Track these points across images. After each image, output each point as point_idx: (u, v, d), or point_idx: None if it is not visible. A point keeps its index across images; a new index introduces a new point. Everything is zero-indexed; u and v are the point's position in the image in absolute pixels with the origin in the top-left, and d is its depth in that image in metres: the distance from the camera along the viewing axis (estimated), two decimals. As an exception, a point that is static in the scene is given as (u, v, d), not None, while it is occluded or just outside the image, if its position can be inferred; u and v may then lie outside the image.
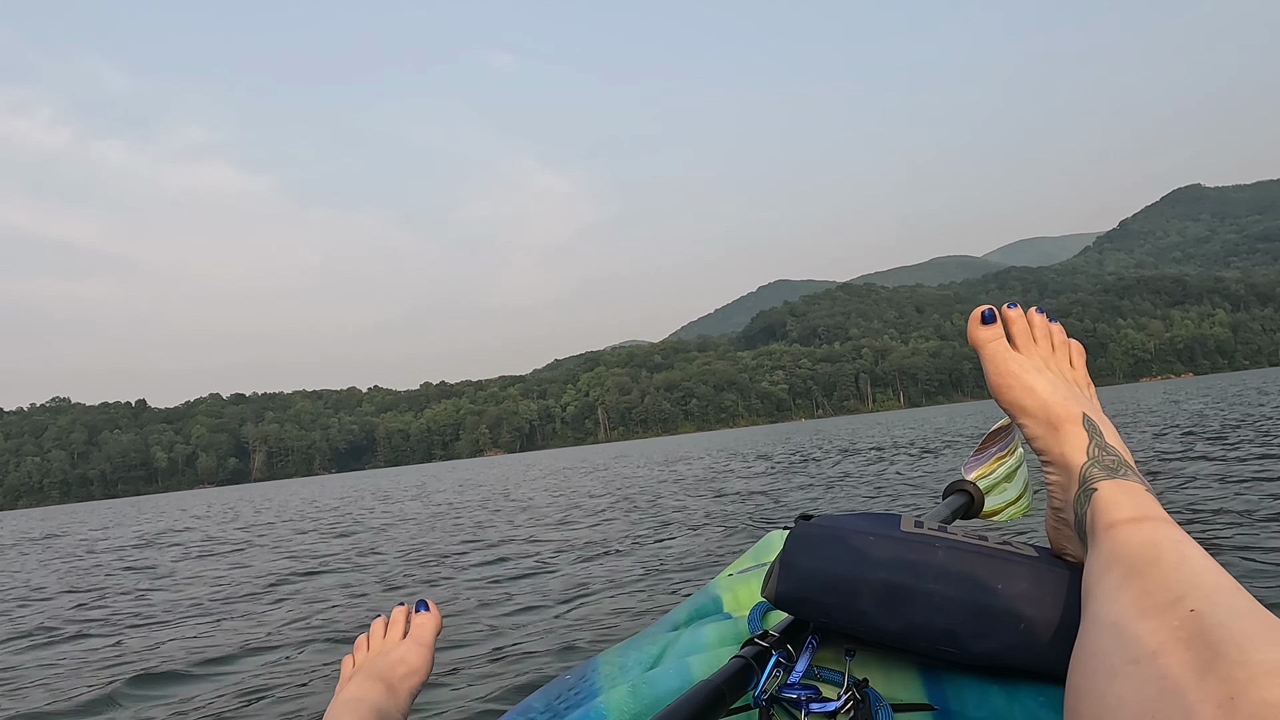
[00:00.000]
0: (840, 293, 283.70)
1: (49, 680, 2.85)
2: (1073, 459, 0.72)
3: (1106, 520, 0.64)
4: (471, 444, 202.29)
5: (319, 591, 4.59)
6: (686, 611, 1.05)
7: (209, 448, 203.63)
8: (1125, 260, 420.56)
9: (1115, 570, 0.58)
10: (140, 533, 12.83)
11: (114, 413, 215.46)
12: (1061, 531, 0.75)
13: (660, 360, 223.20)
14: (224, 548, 8.23)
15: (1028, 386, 0.76)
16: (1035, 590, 0.68)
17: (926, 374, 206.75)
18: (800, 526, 0.78)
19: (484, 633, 2.87)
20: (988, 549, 0.71)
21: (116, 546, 10.12)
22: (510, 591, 3.87)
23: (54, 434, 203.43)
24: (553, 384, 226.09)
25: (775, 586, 0.75)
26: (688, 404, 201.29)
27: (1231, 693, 0.42)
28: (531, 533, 6.52)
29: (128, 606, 4.74)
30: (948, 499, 1.11)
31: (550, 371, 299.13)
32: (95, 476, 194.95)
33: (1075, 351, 0.83)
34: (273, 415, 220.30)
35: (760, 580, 1.04)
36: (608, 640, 2.58)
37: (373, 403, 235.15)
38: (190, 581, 5.67)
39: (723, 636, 0.88)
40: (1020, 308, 0.82)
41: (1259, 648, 0.44)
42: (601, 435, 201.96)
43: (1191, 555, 0.56)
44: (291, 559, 6.40)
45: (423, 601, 1.14)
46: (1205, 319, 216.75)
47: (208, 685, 2.51)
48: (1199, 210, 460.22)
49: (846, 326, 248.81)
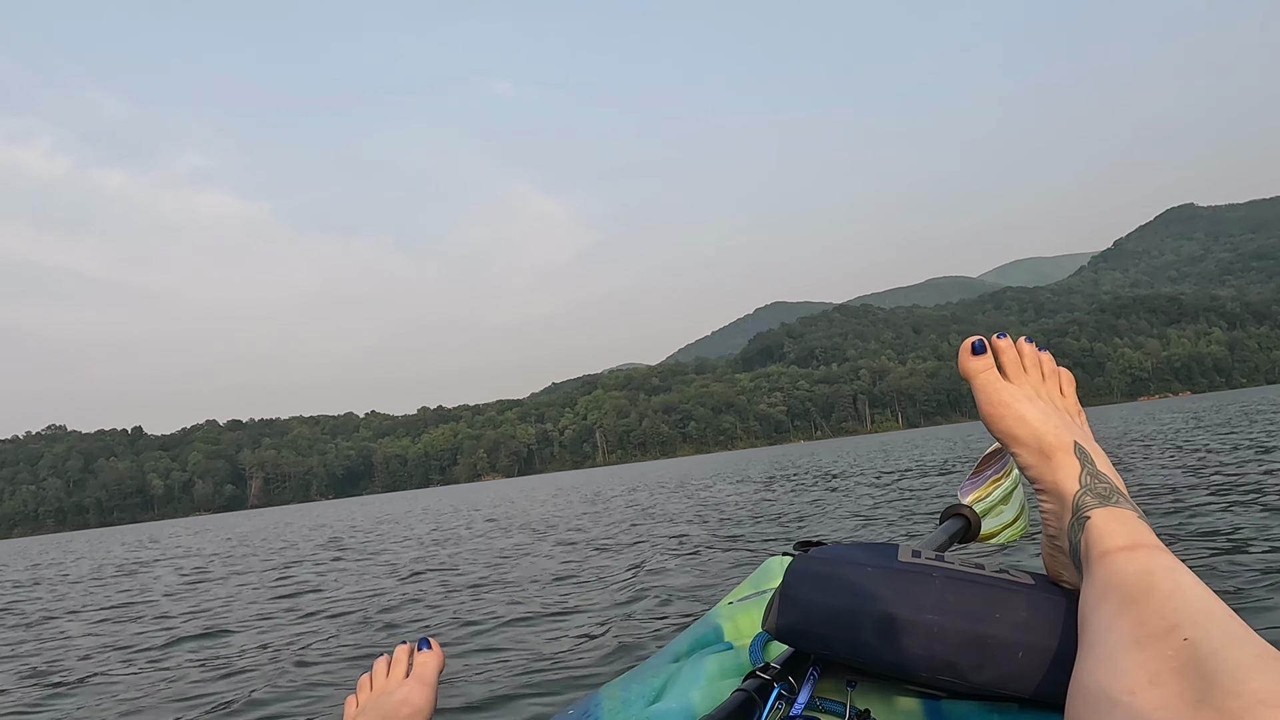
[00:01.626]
0: (837, 314, 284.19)
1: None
2: (1065, 487, 0.73)
3: (1100, 548, 0.64)
4: (469, 468, 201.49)
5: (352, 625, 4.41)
6: (687, 642, 1.05)
7: (206, 474, 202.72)
8: (1120, 279, 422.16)
9: (1110, 599, 0.58)
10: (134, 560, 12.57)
11: (110, 440, 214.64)
12: (1057, 559, 0.75)
13: (658, 383, 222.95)
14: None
15: (1019, 416, 0.77)
16: (1033, 619, 0.68)
17: (925, 395, 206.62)
18: (799, 560, 0.78)
19: (489, 668, 2.82)
20: (985, 577, 0.72)
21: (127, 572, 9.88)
22: (517, 624, 3.71)
23: (49, 462, 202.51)
24: (550, 407, 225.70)
25: (775, 620, 0.76)
26: (686, 426, 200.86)
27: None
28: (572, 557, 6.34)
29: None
30: (944, 524, 1.11)
31: (548, 395, 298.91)
32: (91, 504, 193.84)
33: (1065, 380, 0.83)
34: (270, 441, 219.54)
35: (760, 608, 1.05)
36: (611, 670, 2.56)
37: (370, 428, 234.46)
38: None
39: (724, 668, 0.88)
40: (1010, 337, 0.82)
41: (1253, 677, 0.44)
42: (600, 459, 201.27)
43: (1185, 583, 0.56)
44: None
45: (425, 640, 1.14)
46: (1202, 337, 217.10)
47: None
48: (1192, 229, 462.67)
49: (844, 348, 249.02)
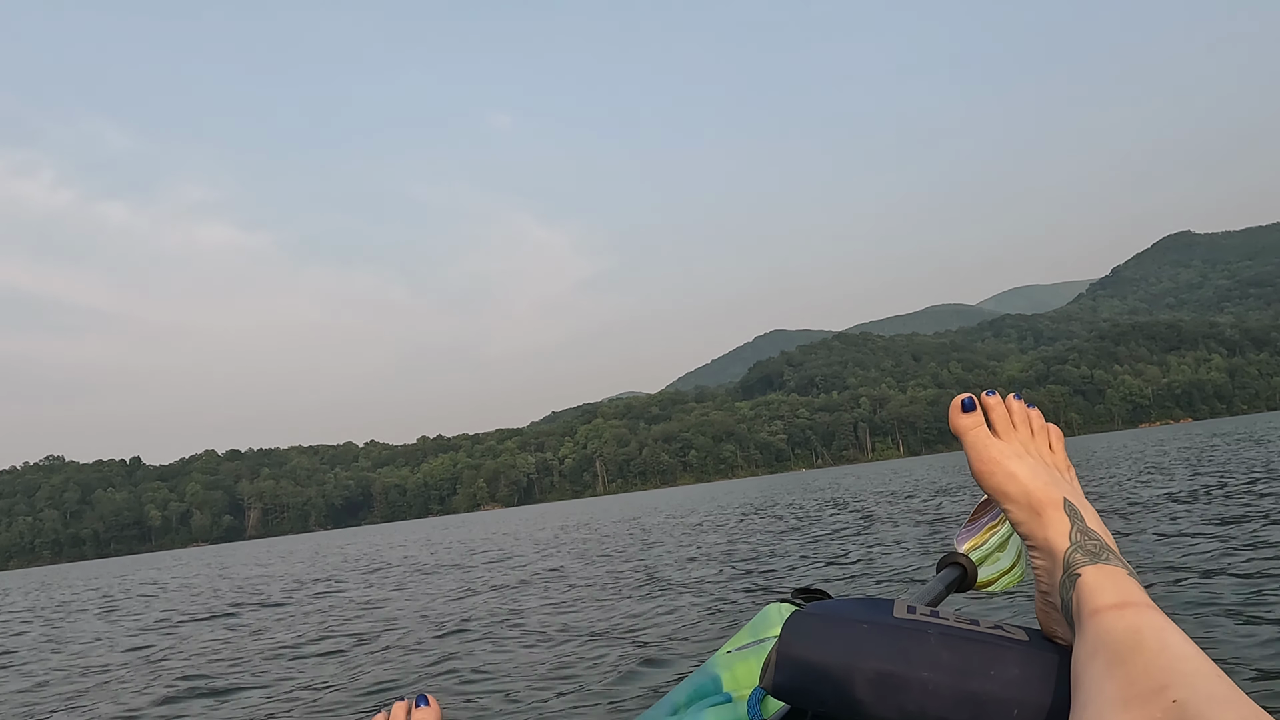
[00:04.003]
0: (836, 342, 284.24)
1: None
2: (1056, 544, 0.73)
3: (1090, 606, 0.65)
4: (469, 498, 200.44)
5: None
6: (686, 693, 1.04)
7: (204, 505, 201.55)
8: (1119, 307, 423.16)
9: (1100, 657, 0.59)
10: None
11: (108, 471, 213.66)
12: (1050, 615, 0.75)
13: (658, 411, 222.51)
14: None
15: (1009, 473, 0.78)
16: (1026, 675, 0.68)
17: (925, 422, 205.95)
18: (795, 617, 0.78)
19: (488, 716, 2.81)
20: (978, 634, 0.72)
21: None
22: (525, 666, 3.69)
23: (47, 493, 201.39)
24: (550, 436, 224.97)
25: (772, 677, 0.76)
26: (686, 455, 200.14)
27: None
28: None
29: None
30: (941, 573, 1.13)
31: (548, 424, 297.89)
32: (88, 536, 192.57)
33: (1054, 436, 0.84)
34: (268, 471, 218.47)
35: (758, 657, 1.06)
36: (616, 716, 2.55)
37: (369, 457, 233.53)
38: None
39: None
40: (999, 394, 0.83)
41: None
42: (600, 488, 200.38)
43: (1173, 642, 0.57)
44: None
45: (423, 696, 1.13)
46: (1202, 364, 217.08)
47: None
48: (1190, 256, 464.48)
49: (844, 376, 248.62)
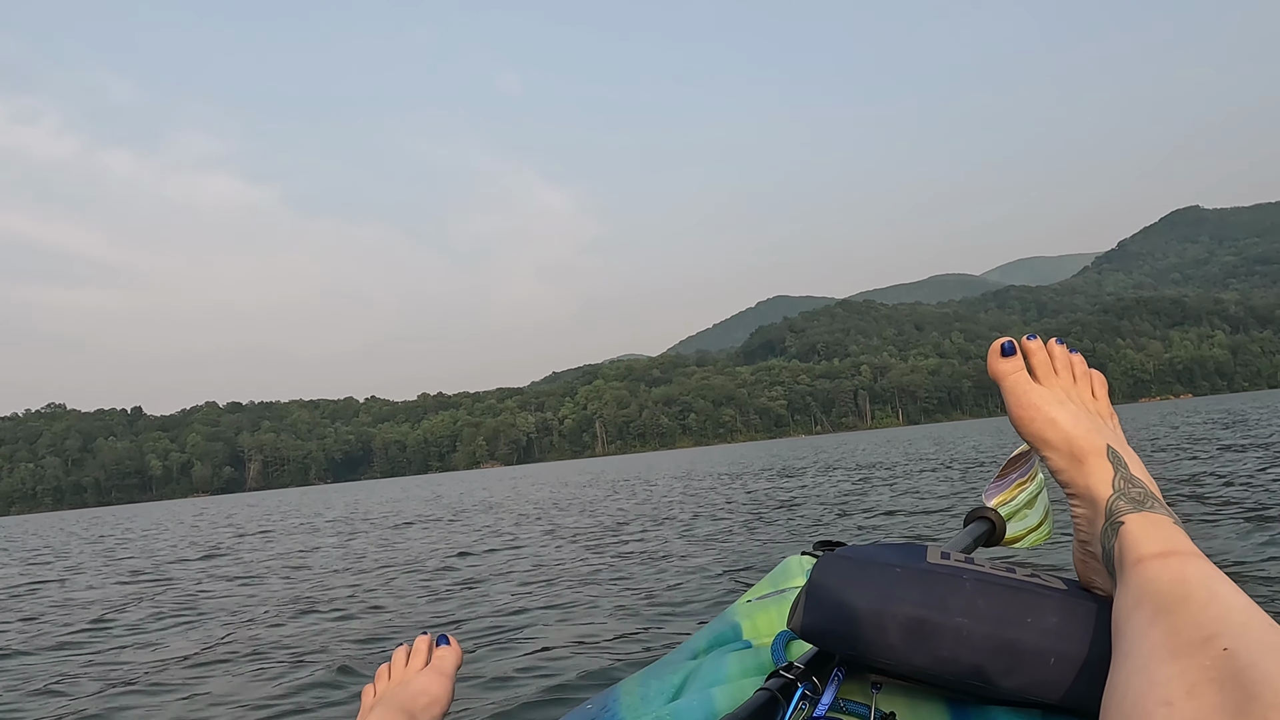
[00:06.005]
0: (839, 309, 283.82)
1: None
2: (1098, 492, 0.71)
3: (1134, 555, 0.63)
4: (468, 456, 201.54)
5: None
6: (706, 639, 1.04)
7: (204, 456, 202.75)
8: (1124, 281, 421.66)
9: (1144, 607, 0.57)
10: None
11: (109, 420, 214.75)
12: (1089, 565, 0.74)
13: (659, 374, 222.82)
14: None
15: (1050, 419, 0.75)
16: (1065, 625, 0.67)
17: (925, 392, 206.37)
18: (826, 559, 0.77)
19: (507, 662, 2.79)
20: (1016, 581, 0.70)
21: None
22: (536, 615, 3.72)
23: (48, 440, 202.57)
24: (550, 397, 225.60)
25: (801, 619, 0.75)
26: (686, 419, 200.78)
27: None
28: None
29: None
30: (969, 526, 1.10)
31: (548, 384, 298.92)
32: (89, 484, 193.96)
33: (1097, 382, 0.82)
34: (269, 424, 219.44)
35: (778, 607, 1.04)
36: (630, 666, 2.56)
37: (369, 413, 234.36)
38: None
39: (745, 667, 0.87)
40: (1040, 339, 0.81)
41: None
42: (599, 449, 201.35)
43: (1222, 591, 0.55)
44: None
45: (444, 636, 1.14)
46: (1204, 340, 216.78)
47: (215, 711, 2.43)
48: (1198, 232, 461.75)
49: (845, 343, 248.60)
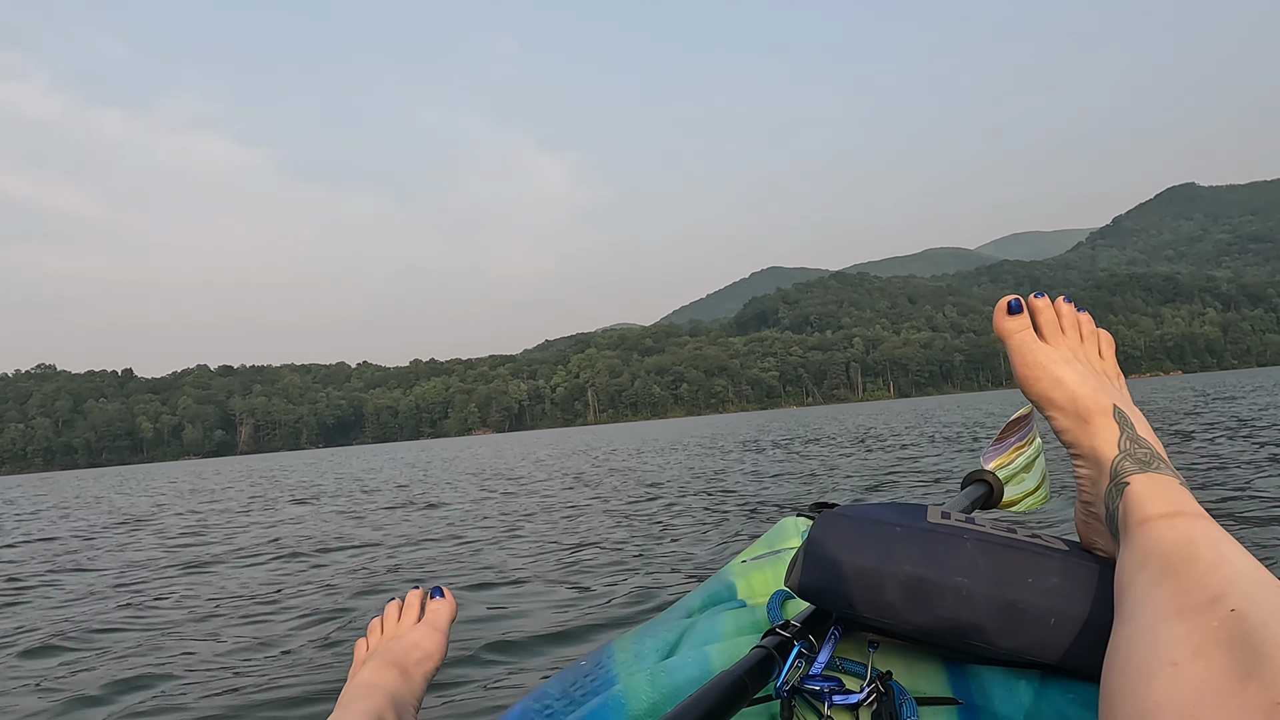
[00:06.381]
0: (833, 281, 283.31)
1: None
2: (1104, 452, 0.70)
3: (1139, 515, 0.62)
4: (460, 422, 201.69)
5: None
6: (700, 598, 1.04)
7: (195, 419, 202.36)
8: (1118, 257, 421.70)
9: (1149, 568, 0.56)
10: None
11: (100, 381, 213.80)
12: (1092, 526, 0.73)
13: (651, 344, 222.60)
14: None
15: (1056, 378, 0.74)
16: (1066, 586, 0.66)
17: (917, 365, 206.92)
18: (825, 517, 0.76)
19: (500, 618, 2.80)
20: (1017, 542, 0.70)
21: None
22: (528, 574, 3.72)
23: (38, 401, 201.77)
24: (543, 365, 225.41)
25: (799, 577, 0.74)
26: (678, 388, 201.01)
27: (1277, 698, 0.40)
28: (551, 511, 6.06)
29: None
30: (966, 489, 1.09)
31: (541, 352, 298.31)
32: (80, 445, 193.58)
33: (1104, 341, 0.81)
34: (260, 388, 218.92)
35: (773, 568, 1.04)
36: (623, 626, 2.56)
37: (361, 378, 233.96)
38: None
39: (740, 625, 0.87)
40: (1047, 297, 0.79)
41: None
42: (591, 417, 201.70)
43: (1229, 552, 0.54)
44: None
45: (438, 588, 1.12)
46: (1196, 318, 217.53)
47: (212, 669, 2.37)
48: (1192, 209, 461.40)
49: (839, 315, 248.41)
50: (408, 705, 0.97)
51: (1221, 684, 0.43)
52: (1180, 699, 0.44)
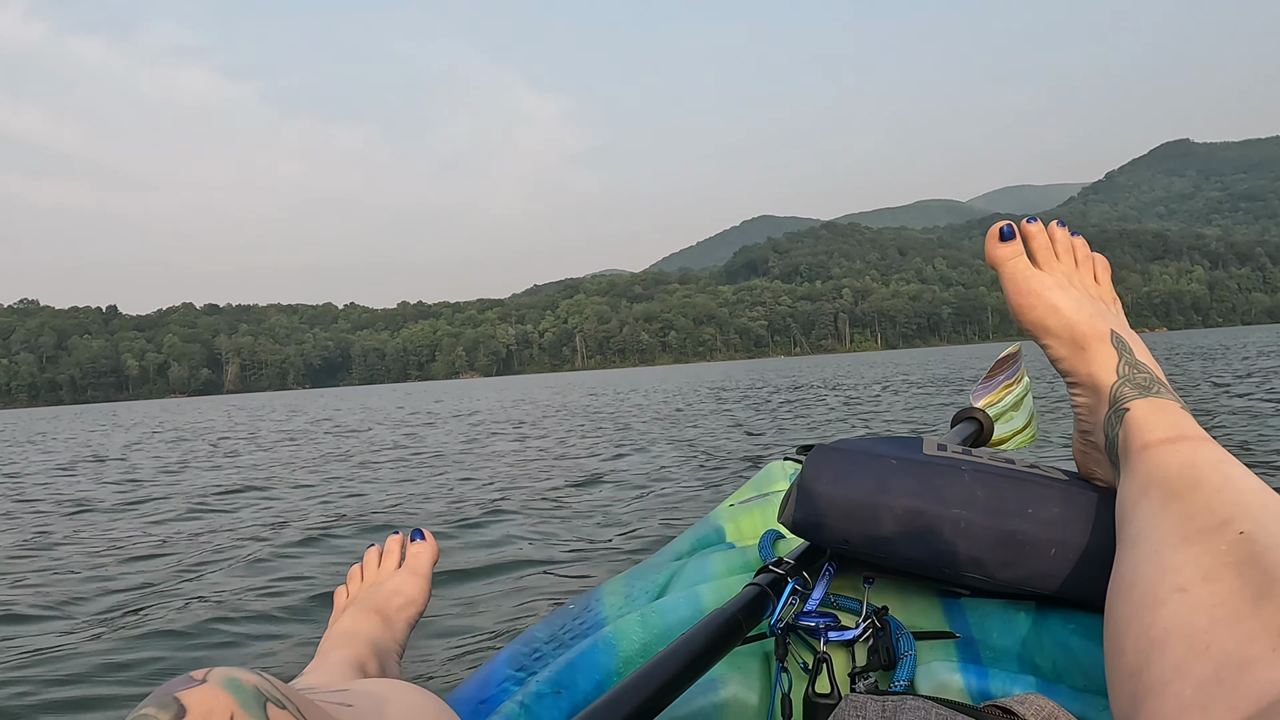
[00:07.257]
0: (824, 231, 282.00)
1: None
2: (1102, 379, 0.68)
3: (1140, 441, 0.60)
4: (447, 366, 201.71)
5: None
6: (689, 542, 1.03)
7: (181, 358, 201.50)
8: (1109, 213, 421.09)
9: (1153, 494, 0.55)
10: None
11: (84, 318, 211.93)
12: (1090, 455, 0.71)
13: (640, 291, 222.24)
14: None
15: (1051, 305, 0.71)
16: (1067, 515, 0.65)
17: (905, 317, 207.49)
18: (819, 450, 0.74)
19: (484, 561, 2.73)
20: (1016, 472, 0.69)
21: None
22: (512, 520, 3.67)
23: (21, 336, 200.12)
24: (531, 309, 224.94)
25: (792, 512, 0.72)
26: (666, 336, 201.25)
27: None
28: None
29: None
30: (957, 426, 1.08)
31: (529, 296, 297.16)
32: (64, 382, 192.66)
33: (1100, 266, 0.79)
34: (247, 328, 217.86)
35: (762, 510, 1.04)
36: (611, 570, 2.50)
37: (348, 319, 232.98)
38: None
39: (731, 565, 0.87)
40: (1040, 222, 0.77)
41: None
42: (578, 363, 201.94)
43: (1235, 475, 0.53)
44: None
45: (418, 530, 1.09)
46: (1183, 275, 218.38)
47: (194, 613, 2.26)
48: (1185, 166, 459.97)
49: (829, 265, 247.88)
50: (390, 652, 0.95)
51: (1233, 607, 0.42)
52: (1191, 624, 0.43)
